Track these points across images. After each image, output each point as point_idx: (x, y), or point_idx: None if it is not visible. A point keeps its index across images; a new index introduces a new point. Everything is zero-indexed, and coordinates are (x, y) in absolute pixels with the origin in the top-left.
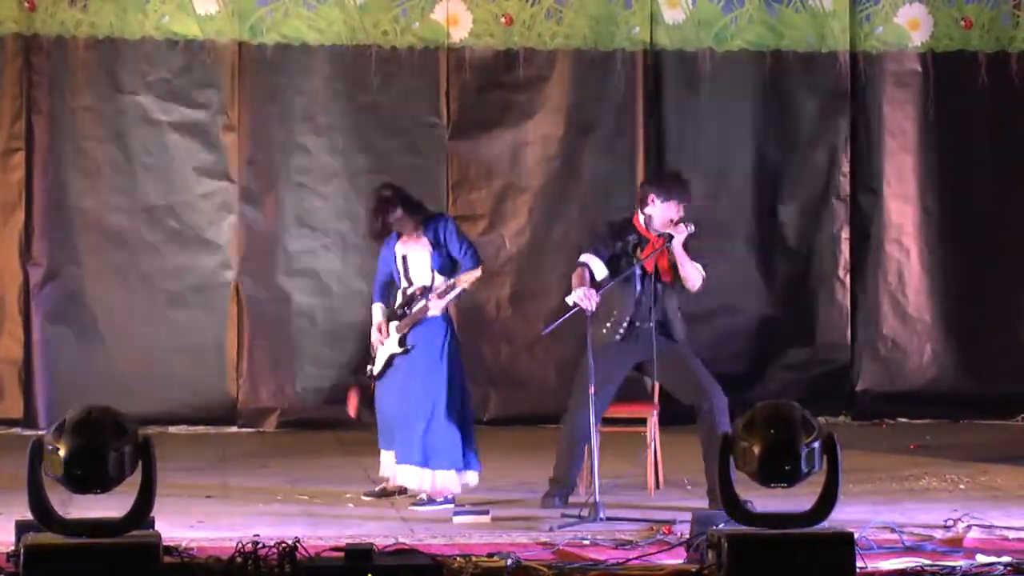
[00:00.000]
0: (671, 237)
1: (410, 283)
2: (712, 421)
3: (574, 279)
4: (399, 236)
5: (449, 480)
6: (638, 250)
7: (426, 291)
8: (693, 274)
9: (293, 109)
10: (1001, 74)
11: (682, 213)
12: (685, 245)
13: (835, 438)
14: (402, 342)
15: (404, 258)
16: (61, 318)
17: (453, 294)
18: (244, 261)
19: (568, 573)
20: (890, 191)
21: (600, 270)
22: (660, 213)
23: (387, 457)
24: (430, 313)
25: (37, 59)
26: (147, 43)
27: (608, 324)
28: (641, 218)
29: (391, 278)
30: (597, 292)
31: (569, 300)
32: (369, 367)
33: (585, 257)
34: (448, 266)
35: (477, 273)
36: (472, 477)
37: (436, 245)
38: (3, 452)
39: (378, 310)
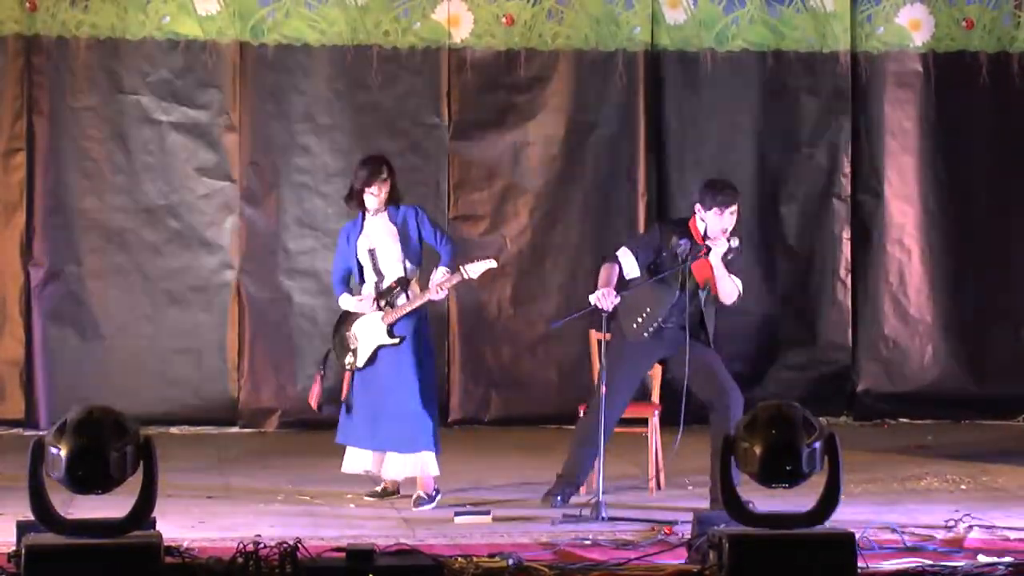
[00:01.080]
0: (709, 249)
1: (380, 276)
2: (727, 422)
3: (601, 274)
4: (362, 228)
5: (431, 462)
6: (689, 256)
7: (404, 283)
8: (728, 288)
9: (294, 109)
10: (1002, 74)
11: (729, 220)
12: (732, 260)
13: (836, 438)
14: (391, 333)
15: (371, 252)
16: (62, 318)
17: (454, 282)
18: (245, 261)
19: (569, 573)
20: (891, 191)
21: (632, 268)
22: (710, 222)
23: (357, 454)
24: (430, 299)
25: (38, 59)
26: (148, 43)
27: (639, 319)
28: (699, 224)
29: (349, 272)
30: (618, 293)
31: (592, 299)
32: (348, 358)
33: (620, 252)
34: (418, 255)
35: (492, 264)
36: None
37: (404, 235)
38: (5, 452)
39: (348, 299)
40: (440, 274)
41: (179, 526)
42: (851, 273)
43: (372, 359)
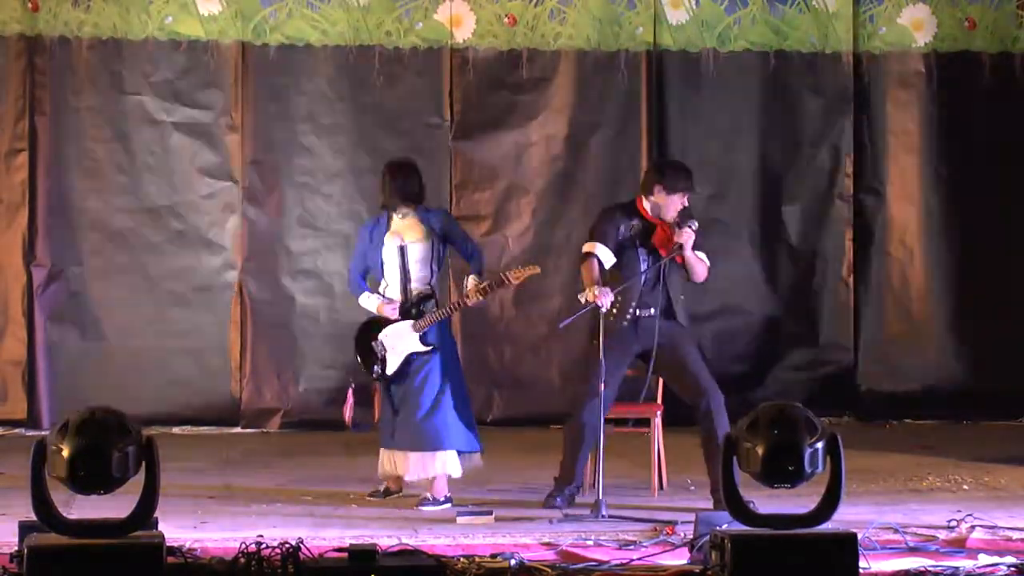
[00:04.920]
0: (680, 246)
1: (406, 274)
2: (711, 421)
3: (585, 273)
4: (387, 222)
5: (452, 461)
6: (644, 236)
7: (432, 291)
8: (699, 268)
9: (296, 109)
10: (1005, 74)
11: (676, 208)
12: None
13: (838, 439)
14: (424, 341)
15: (402, 248)
16: (64, 319)
17: (496, 289)
18: (247, 262)
19: (571, 574)
20: (893, 192)
21: (608, 258)
22: (669, 204)
23: (391, 456)
24: (471, 305)
25: (41, 59)
26: (150, 43)
27: (615, 310)
28: (646, 204)
29: (368, 270)
30: (611, 290)
31: (581, 298)
32: (376, 367)
33: (590, 246)
34: (443, 259)
35: (536, 269)
36: (478, 457)
37: (434, 236)
38: (7, 453)
39: (370, 298)
40: (472, 281)
41: (181, 526)
42: (853, 273)
43: (403, 368)
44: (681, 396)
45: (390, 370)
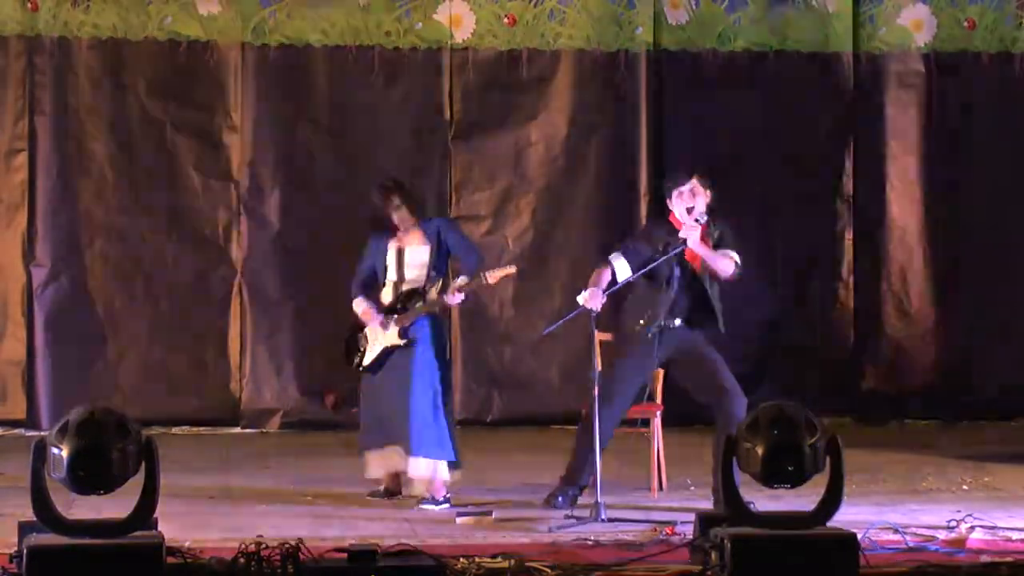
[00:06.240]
0: (684, 241)
1: (402, 278)
2: (731, 426)
3: (592, 277)
4: (392, 233)
5: (443, 467)
6: (671, 249)
7: (421, 290)
8: (722, 263)
9: (296, 110)
10: (1004, 75)
11: (690, 199)
12: (720, 238)
13: (839, 439)
14: (403, 334)
15: (400, 252)
16: (64, 319)
17: (472, 287)
18: (246, 262)
19: (571, 574)
20: (893, 192)
21: (624, 271)
22: (677, 208)
23: (377, 456)
24: (449, 303)
25: (40, 59)
26: (150, 44)
27: (642, 321)
28: (676, 212)
29: (374, 275)
30: (604, 293)
31: (579, 299)
32: (355, 359)
33: (612, 256)
34: (445, 264)
35: (511, 270)
36: (457, 474)
37: (436, 244)
38: (6, 453)
39: (361, 303)
40: (460, 281)
41: (181, 526)
42: (853, 274)
43: (380, 360)
44: (702, 400)
45: (366, 361)
